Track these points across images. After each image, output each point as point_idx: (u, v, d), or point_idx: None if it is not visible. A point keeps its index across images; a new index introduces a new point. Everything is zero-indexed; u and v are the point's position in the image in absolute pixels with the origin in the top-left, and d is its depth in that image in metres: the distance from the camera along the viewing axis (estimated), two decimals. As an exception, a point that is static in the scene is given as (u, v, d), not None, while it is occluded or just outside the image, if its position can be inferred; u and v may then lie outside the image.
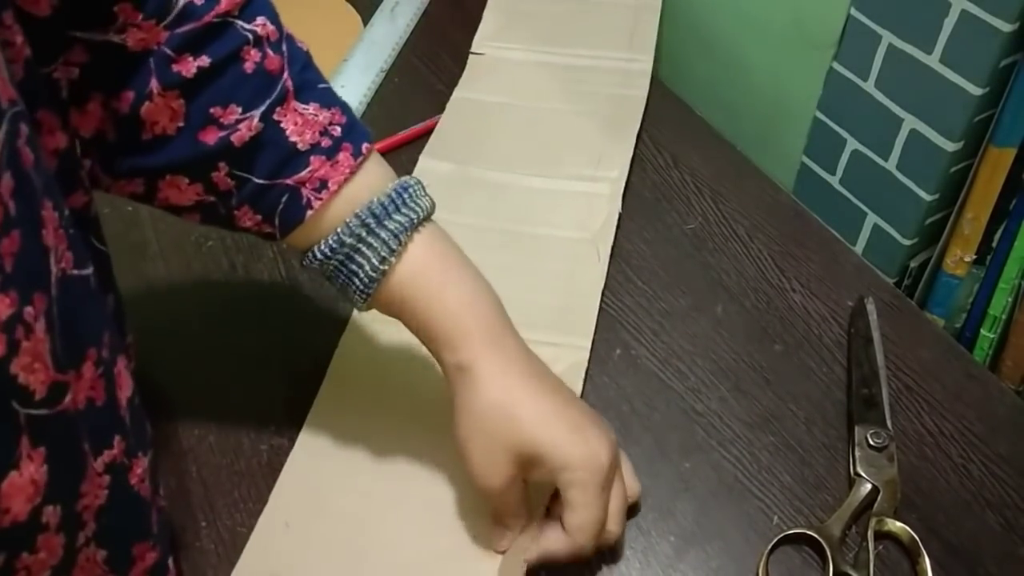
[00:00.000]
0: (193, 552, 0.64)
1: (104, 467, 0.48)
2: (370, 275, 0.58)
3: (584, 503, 0.57)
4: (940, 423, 0.70)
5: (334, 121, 0.59)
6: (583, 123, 0.94)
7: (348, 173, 0.59)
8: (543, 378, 0.60)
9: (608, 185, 0.88)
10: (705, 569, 0.63)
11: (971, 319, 0.84)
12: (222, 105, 0.55)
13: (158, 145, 0.56)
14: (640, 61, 1.00)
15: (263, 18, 0.56)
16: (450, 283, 0.60)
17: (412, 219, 0.59)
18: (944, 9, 0.74)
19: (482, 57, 1.02)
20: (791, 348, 0.75)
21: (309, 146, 0.58)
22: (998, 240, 0.79)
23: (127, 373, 0.52)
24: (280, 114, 0.57)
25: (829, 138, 0.90)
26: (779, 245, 0.83)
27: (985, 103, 0.76)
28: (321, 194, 0.58)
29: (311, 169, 0.58)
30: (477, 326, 0.59)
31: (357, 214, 0.58)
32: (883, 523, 0.64)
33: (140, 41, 0.53)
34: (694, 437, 0.70)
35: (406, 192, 0.60)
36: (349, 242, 0.58)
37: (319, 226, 0.59)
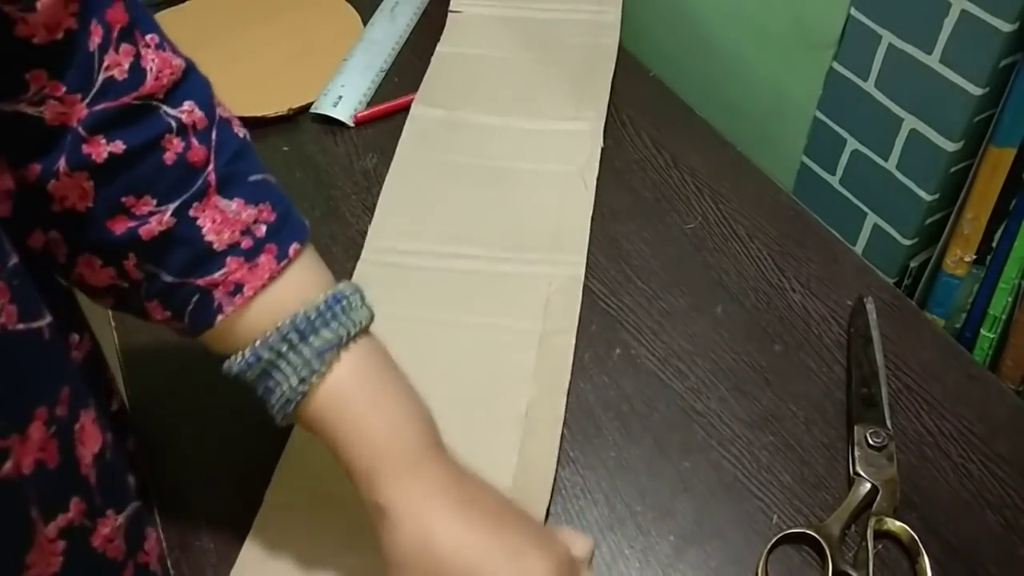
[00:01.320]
0: (193, 552, 0.64)
1: (58, 532, 0.45)
2: (287, 396, 0.54)
3: None
4: (940, 423, 0.70)
5: (260, 219, 0.54)
6: (560, 70, 1.00)
7: (267, 278, 0.54)
8: (474, 504, 0.54)
9: (589, 123, 0.94)
10: (705, 568, 0.63)
11: (971, 319, 0.84)
12: (135, 195, 0.51)
13: (69, 219, 0.51)
14: (608, 13, 1.06)
15: (191, 103, 0.52)
16: (374, 411, 0.54)
17: (341, 336, 0.54)
18: (944, 9, 0.74)
19: (460, 15, 1.08)
20: (791, 348, 0.75)
21: (227, 246, 0.53)
22: (998, 240, 0.79)
23: (96, 427, 0.49)
24: (197, 210, 0.52)
25: (829, 138, 0.90)
26: (779, 245, 0.83)
27: (985, 103, 0.76)
28: (235, 299, 0.53)
29: (226, 271, 0.53)
30: (399, 461, 0.54)
31: (279, 328, 0.53)
32: (882, 522, 0.63)
33: (59, 116, 0.48)
34: (694, 437, 0.70)
35: (338, 304, 0.55)
36: (267, 358, 0.53)
37: (236, 332, 0.55)
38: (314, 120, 0.97)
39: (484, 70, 1.01)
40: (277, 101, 0.97)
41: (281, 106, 0.97)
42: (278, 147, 0.94)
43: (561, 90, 0.98)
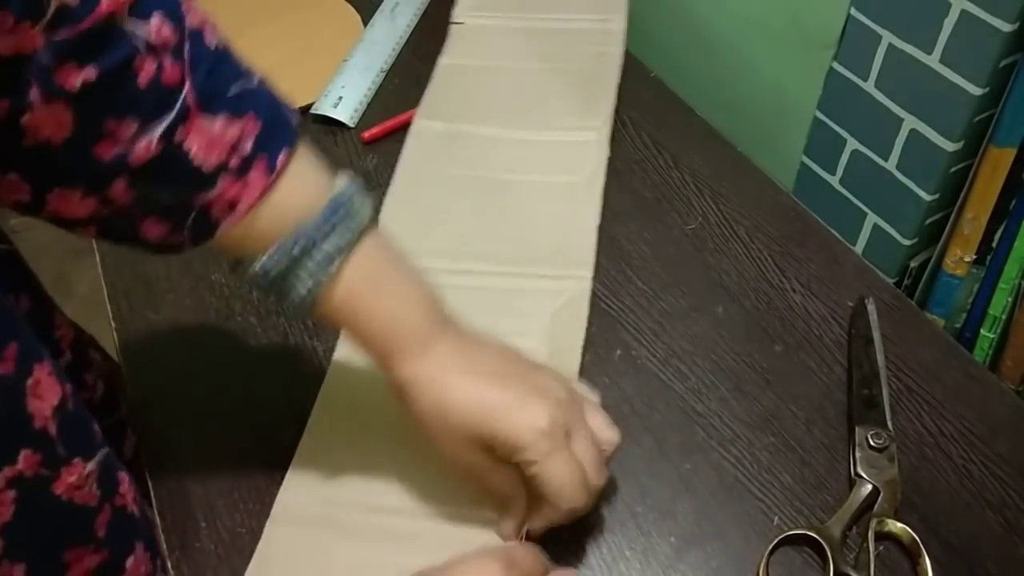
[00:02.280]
0: (193, 552, 0.64)
1: (5, 483, 0.46)
2: (302, 296, 0.56)
3: (547, 472, 0.57)
4: (940, 423, 0.70)
5: (246, 133, 0.54)
6: (563, 80, 0.98)
7: (259, 193, 0.55)
8: (480, 364, 0.60)
9: (594, 133, 0.92)
10: (705, 569, 0.63)
11: (971, 319, 0.84)
12: (116, 119, 0.50)
13: (43, 154, 0.50)
14: (613, 21, 1.04)
15: (157, 18, 0.50)
16: (382, 299, 0.59)
17: (349, 237, 0.56)
18: (944, 9, 0.74)
19: (462, 26, 1.05)
20: (791, 348, 0.75)
21: (216, 167, 0.53)
22: (998, 240, 0.79)
23: (53, 379, 0.49)
24: (182, 133, 0.52)
25: (829, 138, 0.90)
26: (779, 245, 0.83)
27: (985, 103, 0.76)
28: (231, 215, 0.54)
29: (219, 190, 0.54)
30: (409, 340, 0.59)
31: (284, 241, 0.55)
32: (883, 524, 0.63)
33: (12, 46, 0.47)
34: (694, 437, 0.70)
35: (341, 208, 0.56)
36: (276, 271, 0.56)
37: (239, 237, 0.56)
38: (314, 121, 0.97)
39: (487, 81, 0.99)
40: (277, 101, 0.97)
41: (281, 107, 0.97)
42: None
43: (566, 100, 0.96)
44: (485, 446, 0.58)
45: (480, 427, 0.58)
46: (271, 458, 0.69)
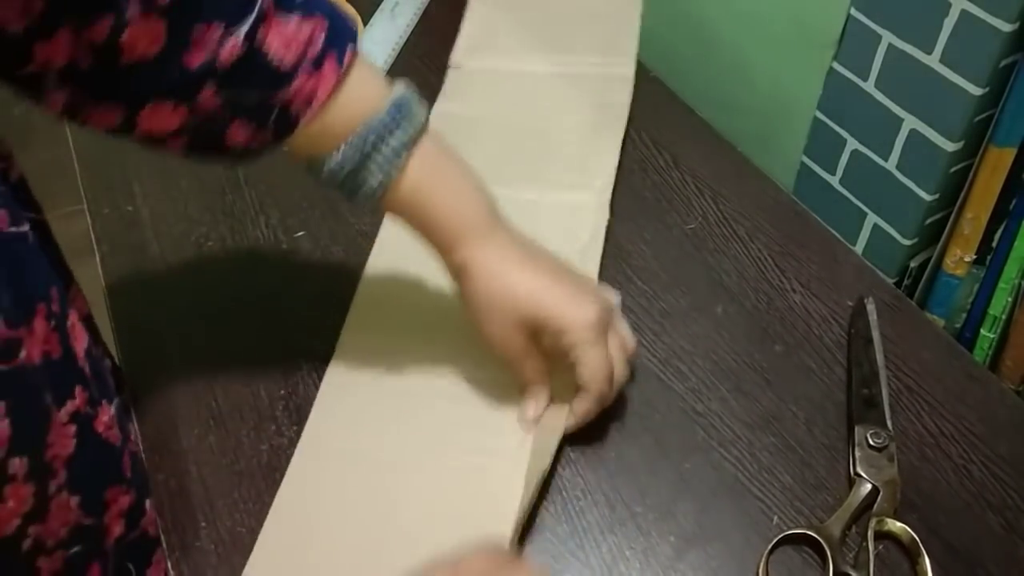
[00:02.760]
0: (193, 552, 0.64)
1: (69, 417, 0.50)
2: (373, 188, 0.62)
3: (587, 356, 0.65)
4: (940, 423, 0.70)
5: (317, 31, 0.58)
6: (565, 132, 0.92)
7: (333, 84, 0.59)
8: (536, 259, 0.67)
9: (594, 195, 0.85)
10: (705, 569, 0.63)
11: (971, 319, 0.84)
12: (205, 23, 0.54)
13: (137, 70, 0.53)
14: (621, 65, 0.98)
15: None
16: (446, 189, 0.65)
17: (411, 132, 0.62)
18: (944, 9, 0.74)
19: (459, 71, 1.00)
20: (791, 348, 0.75)
21: (294, 63, 0.58)
22: (998, 240, 0.79)
23: (81, 325, 0.53)
24: (262, 33, 0.56)
25: (829, 138, 0.90)
26: (779, 245, 0.83)
27: (985, 103, 0.76)
28: (311, 107, 0.59)
29: (298, 84, 0.58)
30: (472, 226, 0.65)
31: (358, 134, 0.61)
32: (883, 523, 0.63)
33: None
34: (694, 437, 0.70)
35: (402, 108, 0.62)
36: (355, 158, 0.61)
37: (314, 134, 0.61)
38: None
39: (481, 133, 0.93)
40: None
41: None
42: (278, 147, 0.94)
43: (565, 155, 0.90)
44: (532, 331, 0.66)
45: (536, 311, 0.65)
46: (271, 458, 0.69)
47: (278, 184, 0.90)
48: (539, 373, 0.69)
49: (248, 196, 0.89)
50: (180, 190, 0.90)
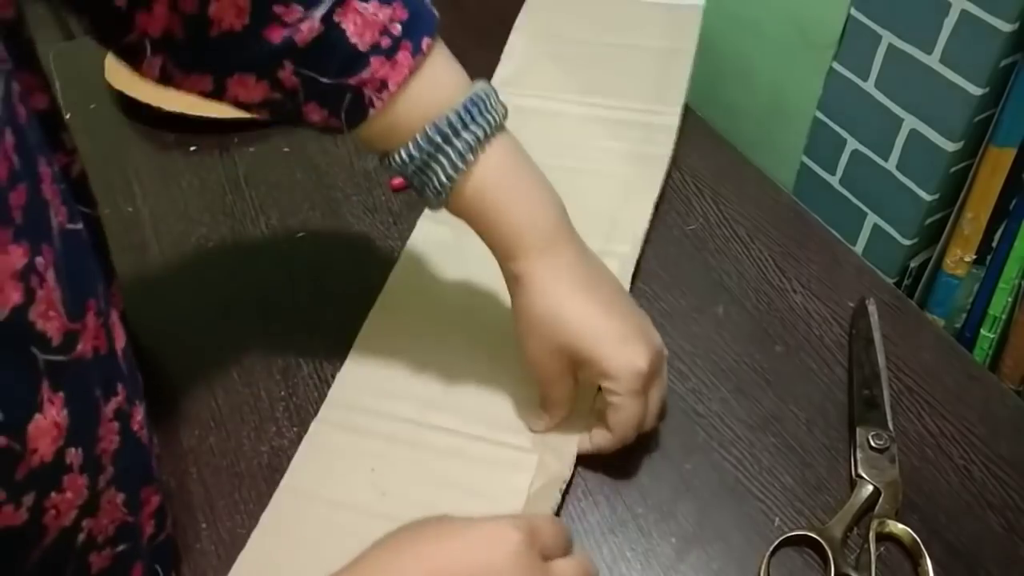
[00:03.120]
0: (193, 553, 0.64)
1: (113, 413, 0.50)
2: (443, 183, 0.61)
3: (623, 406, 0.63)
4: (941, 424, 0.70)
5: (394, 18, 0.59)
6: (597, 186, 0.86)
7: (407, 73, 0.59)
8: (595, 287, 0.64)
9: (617, 262, 0.79)
10: (706, 571, 0.63)
11: (971, 319, 0.84)
12: (284, 3, 0.56)
13: (225, 42, 0.57)
14: (667, 114, 0.92)
15: None
16: (514, 195, 0.63)
17: (485, 131, 0.61)
18: (944, 9, 0.74)
19: None
20: (792, 349, 0.75)
21: (369, 47, 0.58)
22: (998, 240, 0.79)
23: (120, 324, 0.54)
24: (340, 15, 0.57)
25: (829, 138, 0.90)
26: (780, 246, 0.83)
27: (985, 103, 0.76)
28: (382, 95, 0.59)
29: (372, 70, 0.59)
30: (535, 238, 0.63)
31: (428, 129, 0.60)
32: (884, 525, 0.63)
33: None
34: (695, 438, 0.70)
35: (479, 104, 0.61)
36: (427, 150, 0.61)
37: (386, 125, 0.61)
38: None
39: None
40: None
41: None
42: (279, 148, 0.94)
43: (594, 213, 0.78)
44: (572, 360, 0.64)
45: (581, 344, 0.62)
46: (272, 459, 0.69)
47: (278, 184, 0.90)
48: (566, 397, 0.67)
49: (248, 196, 0.89)
50: (180, 190, 0.90)
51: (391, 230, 0.85)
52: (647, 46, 0.98)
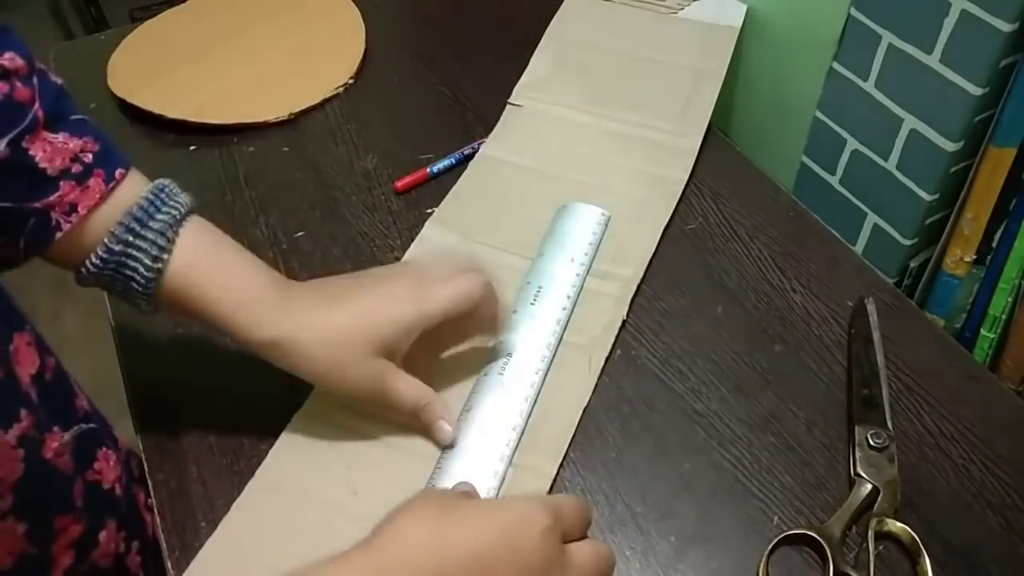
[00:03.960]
0: (193, 552, 0.64)
1: (16, 440, 0.50)
2: (146, 276, 0.60)
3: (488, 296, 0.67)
4: (940, 423, 0.70)
5: (85, 149, 0.60)
6: (609, 204, 0.85)
7: (99, 198, 0.60)
8: (339, 291, 0.65)
9: (619, 286, 0.79)
10: (705, 569, 0.63)
11: (971, 319, 0.84)
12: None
13: None
14: (689, 136, 0.91)
15: (11, 53, 0.58)
16: (226, 267, 0.63)
17: (175, 214, 0.62)
18: (944, 9, 0.74)
19: (520, 109, 0.95)
20: (791, 348, 0.75)
21: (59, 171, 0.59)
22: (998, 240, 0.79)
23: (30, 349, 0.54)
24: (29, 142, 0.58)
25: (829, 138, 0.90)
26: (779, 245, 0.83)
27: (985, 103, 0.76)
28: (71, 217, 0.59)
29: (60, 194, 0.59)
30: (268, 297, 0.63)
31: (120, 222, 0.60)
32: (883, 523, 0.63)
33: None
34: (694, 437, 0.70)
35: (163, 192, 0.62)
36: (119, 249, 0.60)
37: (77, 246, 0.60)
38: (314, 121, 0.97)
39: (523, 188, 0.88)
40: (279, 105, 0.97)
41: (283, 110, 0.97)
42: (279, 148, 0.94)
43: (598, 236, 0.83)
44: (383, 348, 0.64)
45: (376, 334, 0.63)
46: (271, 458, 0.69)
47: (278, 184, 0.90)
48: (415, 386, 0.67)
49: (248, 196, 0.89)
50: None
51: (391, 229, 0.86)
52: (678, 64, 0.97)
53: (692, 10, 1.01)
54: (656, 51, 0.99)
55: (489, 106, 0.96)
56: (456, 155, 0.91)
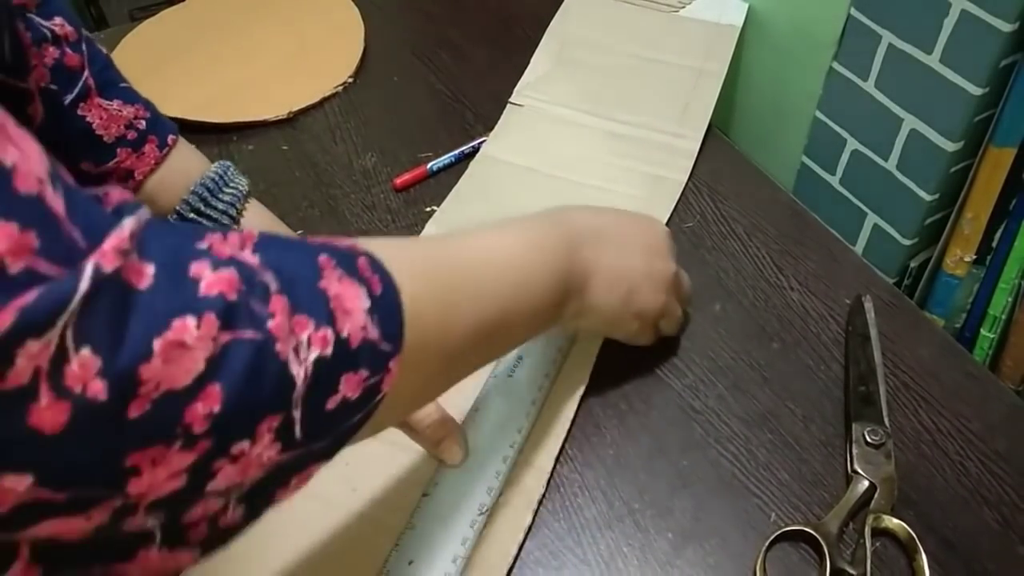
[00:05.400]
0: (190, 547, 0.64)
1: None
2: None
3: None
4: (937, 420, 0.70)
5: (138, 116, 0.64)
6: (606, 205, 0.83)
7: (153, 164, 0.64)
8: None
9: None
10: (703, 566, 0.63)
11: (971, 319, 0.84)
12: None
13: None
14: (688, 138, 0.92)
15: (60, 19, 0.60)
16: None
17: (238, 192, 0.66)
18: (944, 9, 0.74)
19: (520, 109, 0.96)
20: (789, 346, 0.75)
21: (115, 139, 0.62)
22: (998, 240, 0.79)
23: None
24: (85, 108, 0.60)
25: (829, 138, 0.90)
26: (777, 244, 0.83)
27: (985, 103, 0.76)
28: (127, 184, 0.63)
29: (118, 160, 0.62)
30: None
31: (193, 191, 0.65)
32: (880, 520, 0.63)
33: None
34: (692, 435, 0.70)
35: (226, 172, 0.68)
36: (191, 217, 0.64)
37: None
38: (313, 120, 0.97)
39: (522, 188, 0.88)
40: (279, 104, 0.97)
41: (282, 109, 0.97)
42: (278, 146, 0.94)
43: None
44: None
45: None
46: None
47: (277, 182, 0.90)
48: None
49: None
50: (180, 187, 0.90)
51: (390, 228, 0.86)
52: (679, 62, 0.97)
53: (693, 8, 1.01)
54: (657, 49, 0.99)
55: (489, 105, 0.97)
56: (456, 153, 0.91)
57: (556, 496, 0.67)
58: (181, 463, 0.34)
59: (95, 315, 0.31)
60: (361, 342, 0.41)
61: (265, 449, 0.37)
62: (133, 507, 0.34)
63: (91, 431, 0.31)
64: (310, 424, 0.39)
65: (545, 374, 0.72)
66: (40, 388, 0.29)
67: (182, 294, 0.34)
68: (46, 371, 0.30)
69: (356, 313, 0.41)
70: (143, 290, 0.33)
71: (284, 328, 0.37)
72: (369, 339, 0.41)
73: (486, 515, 0.64)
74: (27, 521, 0.32)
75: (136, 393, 0.32)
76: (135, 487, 0.33)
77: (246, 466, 0.37)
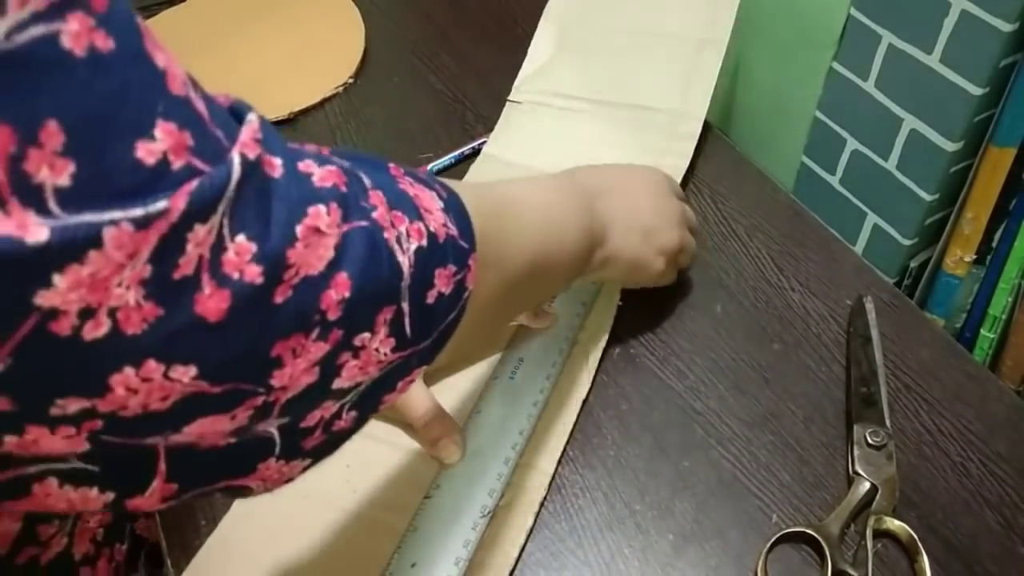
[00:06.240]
0: (193, 552, 0.64)
1: None
2: None
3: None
4: (939, 422, 0.70)
5: None
6: None
7: None
8: None
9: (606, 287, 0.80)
10: (704, 567, 0.63)
11: (971, 319, 0.84)
12: None
13: None
14: (691, 120, 0.90)
15: None
16: None
17: None
18: (944, 9, 0.74)
19: (519, 106, 0.95)
20: (790, 347, 0.75)
21: None
22: (998, 240, 0.79)
23: None
24: None
25: (829, 138, 0.90)
26: (778, 244, 0.83)
27: (985, 103, 0.76)
28: None
29: None
30: None
31: None
32: (882, 521, 0.63)
33: None
34: (693, 436, 0.70)
35: None
36: None
37: None
38: (314, 121, 0.97)
39: None
40: (279, 104, 0.97)
41: (282, 110, 0.97)
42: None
43: None
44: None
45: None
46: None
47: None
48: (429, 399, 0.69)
49: (248, 195, 0.89)
50: (180, 189, 0.90)
51: (391, 228, 0.85)
52: (680, 34, 0.95)
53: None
54: (656, 23, 0.97)
55: (489, 105, 0.97)
56: (457, 154, 0.91)
57: (557, 498, 0.67)
58: (317, 353, 0.36)
59: (245, 203, 0.33)
60: (446, 237, 0.44)
61: (381, 344, 0.40)
62: (271, 406, 0.36)
63: (246, 318, 0.33)
64: (417, 319, 0.42)
65: (546, 376, 0.72)
66: (202, 277, 0.31)
67: (308, 184, 0.36)
68: (207, 260, 0.31)
69: (435, 212, 0.44)
70: (278, 179, 0.35)
71: (386, 219, 0.40)
72: (451, 235, 0.44)
73: (488, 517, 0.64)
74: (182, 419, 0.34)
75: (281, 278, 0.34)
76: (278, 379, 0.35)
77: (366, 362, 0.39)
